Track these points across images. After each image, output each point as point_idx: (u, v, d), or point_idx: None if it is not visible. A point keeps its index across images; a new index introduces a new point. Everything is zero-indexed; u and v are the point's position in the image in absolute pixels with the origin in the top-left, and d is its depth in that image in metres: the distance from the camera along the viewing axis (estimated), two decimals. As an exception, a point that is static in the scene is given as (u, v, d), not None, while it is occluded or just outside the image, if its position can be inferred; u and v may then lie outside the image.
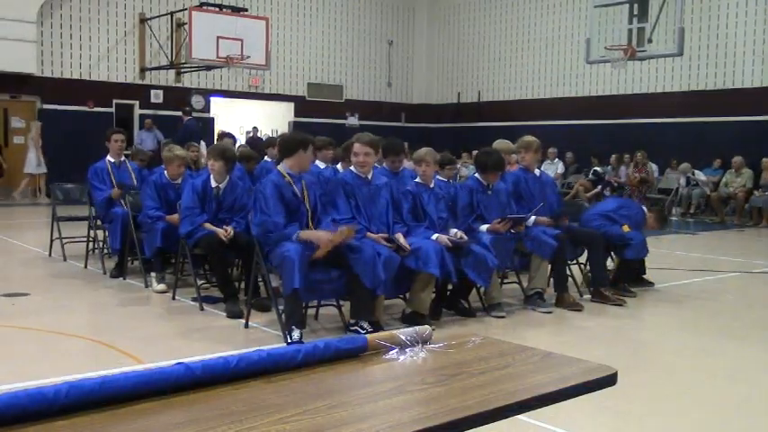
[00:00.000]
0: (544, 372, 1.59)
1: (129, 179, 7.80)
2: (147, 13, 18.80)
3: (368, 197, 5.67)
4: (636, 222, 7.06)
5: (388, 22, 23.19)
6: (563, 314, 6.22)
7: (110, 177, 7.74)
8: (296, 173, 5.40)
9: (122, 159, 7.97)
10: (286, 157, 5.45)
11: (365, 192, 5.67)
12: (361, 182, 5.69)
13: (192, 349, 4.85)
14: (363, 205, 5.64)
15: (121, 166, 7.91)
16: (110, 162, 7.86)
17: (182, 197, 6.35)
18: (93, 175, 7.79)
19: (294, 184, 5.36)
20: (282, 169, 5.43)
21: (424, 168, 6.01)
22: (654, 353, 5.20)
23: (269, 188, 5.27)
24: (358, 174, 5.68)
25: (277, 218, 5.17)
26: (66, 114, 17.73)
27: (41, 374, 4.19)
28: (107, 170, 7.78)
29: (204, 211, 6.20)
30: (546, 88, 20.17)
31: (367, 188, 5.68)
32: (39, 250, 9.00)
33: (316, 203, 5.48)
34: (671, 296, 7.14)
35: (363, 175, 5.69)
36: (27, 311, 5.98)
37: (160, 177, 6.99)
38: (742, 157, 15.64)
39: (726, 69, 16.97)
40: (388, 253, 5.27)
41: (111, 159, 7.89)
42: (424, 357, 1.69)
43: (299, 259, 4.92)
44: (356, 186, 5.64)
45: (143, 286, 6.91)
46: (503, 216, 6.11)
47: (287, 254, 4.98)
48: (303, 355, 1.61)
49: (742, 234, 13.70)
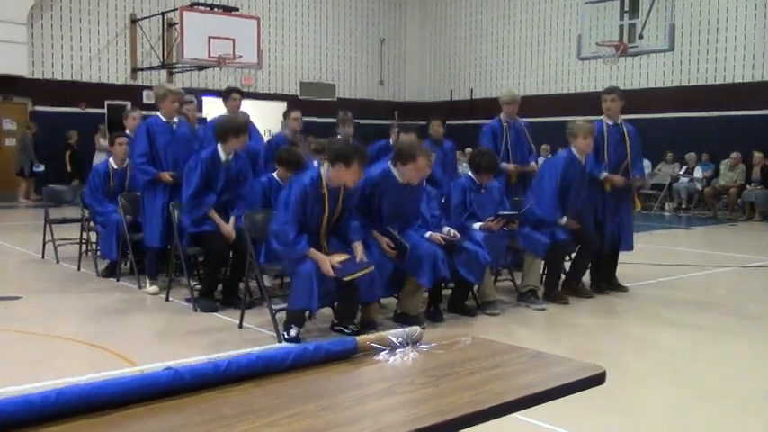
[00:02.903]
0: (533, 371, 1.60)
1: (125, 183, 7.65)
2: (137, 14, 18.75)
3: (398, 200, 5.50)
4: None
5: (380, 21, 23.18)
6: (556, 311, 6.23)
7: (108, 183, 7.59)
8: (335, 186, 5.08)
9: (125, 166, 7.64)
10: (331, 165, 5.04)
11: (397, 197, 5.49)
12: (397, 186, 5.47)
13: (186, 350, 4.85)
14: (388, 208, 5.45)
15: (122, 171, 7.65)
16: (112, 168, 7.68)
17: (186, 182, 6.08)
18: (94, 179, 7.67)
19: (328, 194, 5.04)
20: (324, 175, 5.07)
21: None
22: (646, 348, 5.22)
23: (295, 194, 4.96)
24: (399, 178, 5.43)
25: (291, 231, 4.88)
26: (57, 116, 17.68)
27: (34, 378, 4.18)
28: (109, 176, 7.62)
29: (211, 189, 6.06)
30: (539, 85, 20.20)
31: (401, 194, 5.50)
32: (31, 253, 8.98)
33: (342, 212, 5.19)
34: (664, 291, 7.16)
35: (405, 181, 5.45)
36: (20, 315, 5.96)
37: (155, 121, 6.77)
38: (739, 153, 15.67)
39: (717, 65, 17.02)
40: (380, 258, 5.26)
41: (114, 165, 7.70)
42: (414, 358, 1.70)
43: (317, 279, 4.82)
44: (388, 191, 5.44)
45: (136, 288, 6.90)
46: (495, 214, 6.12)
47: (305, 269, 4.87)
48: (293, 357, 1.62)
49: (735, 228, 13.75)
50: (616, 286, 7.03)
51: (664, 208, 16.68)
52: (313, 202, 5.00)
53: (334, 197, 5.09)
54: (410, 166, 5.35)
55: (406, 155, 5.36)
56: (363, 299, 5.13)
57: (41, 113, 17.70)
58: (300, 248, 4.90)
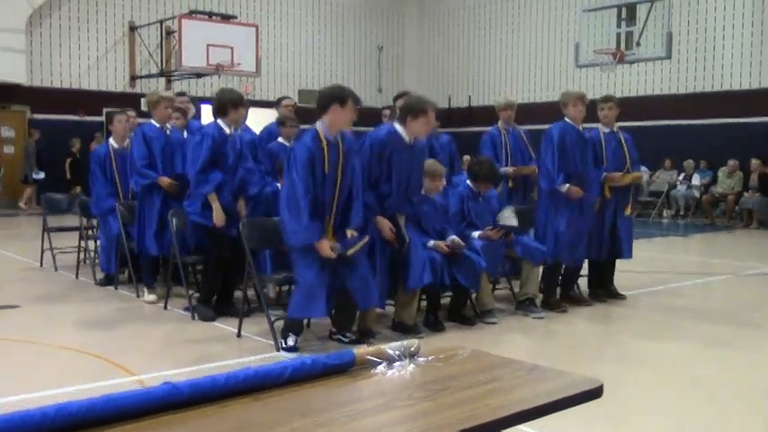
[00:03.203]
0: (530, 385, 1.60)
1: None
2: (136, 22, 18.78)
3: (406, 161, 5.30)
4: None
5: (378, 28, 23.23)
6: (554, 319, 6.23)
7: (111, 165, 7.43)
8: (333, 134, 4.88)
9: (125, 145, 7.47)
10: (321, 114, 4.88)
11: (405, 155, 5.30)
12: (404, 143, 5.29)
13: (185, 360, 4.84)
14: (398, 169, 5.25)
15: (124, 152, 7.46)
16: (113, 148, 7.51)
17: (190, 160, 5.94)
18: (95, 163, 7.54)
19: (329, 150, 4.84)
20: (320, 128, 4.89)
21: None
22: (645, 357, 5.22)
23: (301, 157, 4.73)
24: (404, 136, 5.27)
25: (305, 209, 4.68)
26: (56, 123, 17.69)
27: (32, 388, 4.18)
28: (110, 157, 7.45)
29: (219, 167, 5.91)
30: (537, 92, 20.24)
31: (408, 151, 5.32)
32: (30, 261, 8.97)
33: (351, 179, 4.98)
34: (662, 299, 7.17)
35: (409, 139, 5.29)
36: (17, 323, 5.96)
37: (149, 128, 6.79)
38: (737, 161, 15.70)
39: (714, 72, 17.07)
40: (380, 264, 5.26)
41: (115, 145, 7.54)
42: (412, 372, 1.70)
43: (325, 290, 4.80)
44: (396, 149, 5.26)
45: (134, 296, 6.90)
46: (495, 224, 6.12)
47: (310, 278, 4.81)
48: (291, 371, 1.62)
49: (732, 236, 13.77)
50: (614, 294, 7.04)
51: (661, 215, 16.71)
52: (318, 163, 4.78)
53: (334, 152, 4.86)
54: (421, 120, 5.26)
55: (416, 109, 5.28)
56: (361, 306, 5.12)
57: (40, 121, 17.72)
58: (311, 236, 4.72)
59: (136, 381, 4.35)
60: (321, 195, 4.85)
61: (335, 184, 4.90)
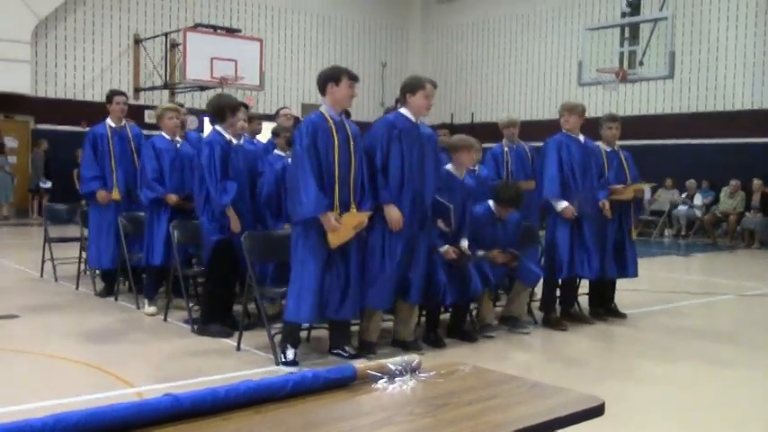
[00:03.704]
0: (531, 403, 1.60)
1: (128, 146, 7.44)
2: (141, 34, 18.88)
3: (417, 146, 5.22)
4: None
5: (382, 44, 23.34)
6: (554, 337, 6.22)
7: (109, 146, 7.36)
8: (336, 112, 4.98)
9: (123, 124, 7.53)
10: (322, 95, 5.02)
11: (415, 138, 5.22)
12: (412, 125, 5.25)
13: (184, 372, 4.83)
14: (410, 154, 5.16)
15: (122, 131, 7.51)
16: (110, 127, 7.47)
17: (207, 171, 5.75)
18: (91, 142, 7.41)
19: (336, 129, 4.90)
20: (324, 109, 4.98)
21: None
22: (645, 377, 5.20)
23: (306, 132, 4.80)
24: (410, 117, 5.26)
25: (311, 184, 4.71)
26: (59, 134, 17.74)
27: (31, 399, 4.17)
28: (107, 136, 7.40)
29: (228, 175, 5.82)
30: (539, 110, 20.30)
31: (417, 134, 5.25)
32: (30, 271, 8.97)
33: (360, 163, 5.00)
34: (663, 319, 7.15)
35: (415, 119, 5.27)
36: (17, 334, 5.95)
37: (159, 140, 6.83)
38: (738, 181, 15.72)
39: (716, 92, 17.12)
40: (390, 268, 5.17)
41: (112, 124, 7.50)
42: (413, 387, 1.70)
43: (316, 294, 4.80)
44: (406, 130, 5.19)
45: (134, 308, 6.89)
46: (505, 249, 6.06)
47: (306, 282, 4.82)
48: (292, 385, 1.62)
49: (734, 256, 13.75)
50: (614, 313, 7.02)
51: (663, 234, 16.70)
52: (326, 139, 4.83)
53: (342, 131, 4.93)
54: (419, 94, 5.26)
55: (413, 85, 5.30)
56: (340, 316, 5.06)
57: (43, 131, 17.77)
58: (316, 209, 4.69)
59: (135, 393, 4.34)
60: (331, 172, 4.85)
61: (349, 163, 4.92)
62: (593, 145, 6.79)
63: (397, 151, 5.15)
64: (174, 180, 6.73)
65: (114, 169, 7.36)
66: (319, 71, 5.18)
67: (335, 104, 4.99)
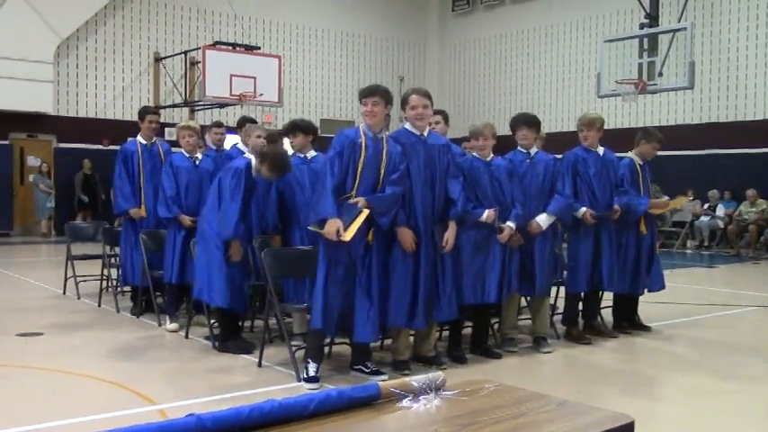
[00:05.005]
0: (559, 421, 1.57)
1: (158, 163, 7.49)
2: (161, 53, 19.09)
3: (424, 159, 5.13)
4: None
5: (400, 59, 23.41)
6: (577, 351, 6.15)
7: (138, 161, 7.48)
8: (373, 131, 5.01)
9: (153, 141, 7.66)
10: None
11: (422, 152, 5.15)
12: (417, 139, 5.19)
13: (206, 389, 4.83)
14: (419, 171, 5.10)
15: (153, 147, 7.62)
16: (141, 144, 7.59)
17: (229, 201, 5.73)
18: (122, 160, 7.53)
19: (367, 143, 4.94)
20: (362, 126, 5.08)
21: (482, 143, 5.74)
22: (671, 391, 5.12)
23: (335, 143, 4.93)
24: (412, 130, 5.23)
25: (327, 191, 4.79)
26: (81, 152, 17.94)
27: (55, 417, 4.18)
28: (137, 153, 7.51)
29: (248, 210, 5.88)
30: (558, 122, 20.23)
31: (423, 147, 5.17)
32: (53, 289, 9.04)
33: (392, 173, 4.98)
34: (689, 331, 7.06)
35: (419, 131, 5.21)
36: (41, 351, 5.98)
37: (178, 158, 6.96)
38: (755, 190, 15.59)
39: (737, 102, 16.98)
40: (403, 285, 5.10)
41: (143, 141, 7.62)
42: (438, 405, 1.67)
43: (324, 298, 4.83)
44: (410, 146, 5.15)
45: (156, 325, 6.91)
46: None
47: (316, 287, 4.89)
48: (315, 404, 1.60)
49: (757, 267, 13.58)
50: (638, 326, 6.94)
51: (685, 246, 16.54)
52: (351, 152, 4.89)
53: (374, 146, 4.95)
54: (408, 107, 5.24)
55: (403, 99, 5.34)
56: (355, 338, 5.03)
57: (65, 150, 17.97)
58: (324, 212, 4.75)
59: (158, 410, 4.34)
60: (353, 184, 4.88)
61: (377, 179, 4.95)
62: (612, 157, 6.74)
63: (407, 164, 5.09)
64: (191, 199, 6.81)
65: (143, 186, 7.43)
66: (338, 86, 5.25)
67: (371, 123, 5.03)
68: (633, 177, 6.80)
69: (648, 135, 7.07)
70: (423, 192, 5.10)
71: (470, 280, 5.56)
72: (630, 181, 6.76)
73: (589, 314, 6.70)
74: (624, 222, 6.66)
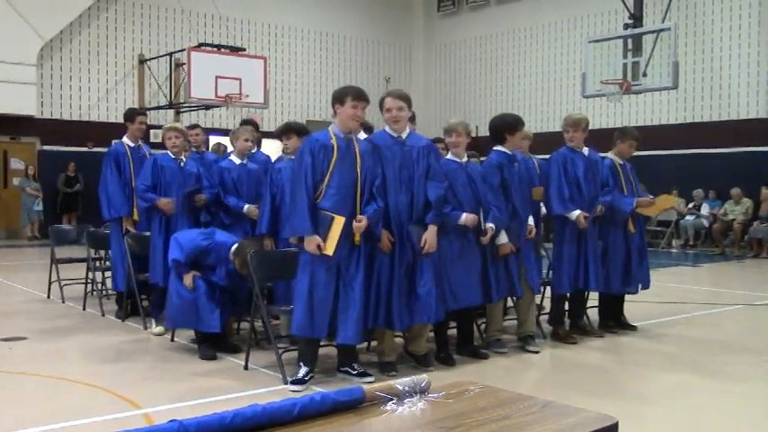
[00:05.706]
0: (544, 423, 1.56)
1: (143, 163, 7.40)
2: (146, 54, 18.99)
3: (401, 160, 5.12)
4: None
5: (386, 60, 23.41)
6: (564, 351, 6.17)
7: (129, 164, 7.43)
8: (344, 133, 4.99)
9: (140, 143, 7.66)
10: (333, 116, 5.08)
11: (398, 154, 5.13)
12: (393, 141, 5.18)
13: (191, 392, 4.80)
14: (395, 173, 5.08)
15: (140, 150, 7.60)
16: (128, 146, 7.55)
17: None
18: (113, 161, 7.45)
19: (338, 146, 4.90)
20: (331, 129, 5.03)
21: (455, 139, 5.67)
22: (657, 391, 5.14)
23: (305, 149, 4.91)
24: (390, 132, 5.22)
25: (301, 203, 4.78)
26: (65, 155, 17.81)
27: (39, 422, 4.14)
28: (127, 155, 7.46)
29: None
30: (543, 122, 20.28)
31: (400, 148, 5.16)
32: (37, 293, 8.97)
33: (368, 179, 4.97)
34: (674, 330, 7.09)
35: (396, 134, 5.20)
36: (24, 356, 5.93)
37: (163, 157, 6.98)
38: (739, 189, 15.70)
39: (721, 101, 17.10)
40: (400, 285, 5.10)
41: (130, 143, 7.58)
42: (423, 408, 1.67)
43: (309, 301, 4.81)
44: (386, 148, 5.13)
45: (141, 328, 6.87)
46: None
47: (298, 292, 4.89)
48: (299, 408, 1.59)
49: (743, 265, 13.68)
50: (624, 325, 6.97)
51: (671, 245, 16.63)
52: (324, 157, 4.86)
53: (345, 149, 4.93)
54: (384, 110, 5.25)
55: (379, 102, 5.36)
56: (339, 340, 5.00)
57: (49, 153, 17.85)
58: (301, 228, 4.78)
59: (143, 414, 4.31)
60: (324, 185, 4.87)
61: (354, 179, 4.93)
62: (596, 157, 6.77)
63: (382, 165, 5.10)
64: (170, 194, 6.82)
65: (134, 189, 7.37)
66: (324, 88, 5.25)
67: (341, 124, 5.03)
68: (615, 178, 6.83)
69: (624, 134, 7.10)
70: (396, 193, 5.11)
71: (452, 285, 5.53)
72: (614, 181, 6.79)
73: (575, 314, 6.73)
74: (611, 222, 6.69)
